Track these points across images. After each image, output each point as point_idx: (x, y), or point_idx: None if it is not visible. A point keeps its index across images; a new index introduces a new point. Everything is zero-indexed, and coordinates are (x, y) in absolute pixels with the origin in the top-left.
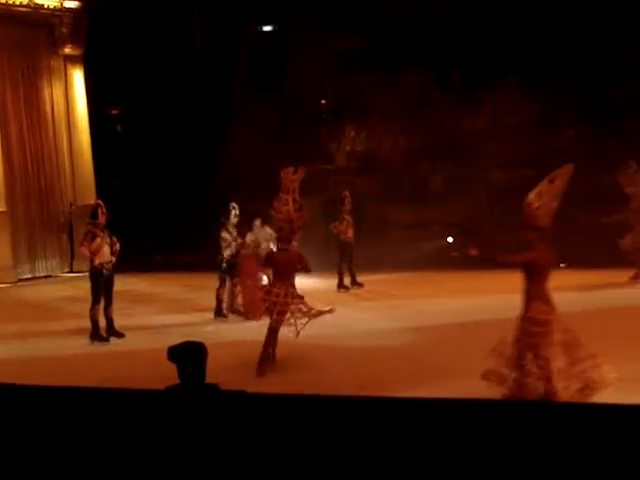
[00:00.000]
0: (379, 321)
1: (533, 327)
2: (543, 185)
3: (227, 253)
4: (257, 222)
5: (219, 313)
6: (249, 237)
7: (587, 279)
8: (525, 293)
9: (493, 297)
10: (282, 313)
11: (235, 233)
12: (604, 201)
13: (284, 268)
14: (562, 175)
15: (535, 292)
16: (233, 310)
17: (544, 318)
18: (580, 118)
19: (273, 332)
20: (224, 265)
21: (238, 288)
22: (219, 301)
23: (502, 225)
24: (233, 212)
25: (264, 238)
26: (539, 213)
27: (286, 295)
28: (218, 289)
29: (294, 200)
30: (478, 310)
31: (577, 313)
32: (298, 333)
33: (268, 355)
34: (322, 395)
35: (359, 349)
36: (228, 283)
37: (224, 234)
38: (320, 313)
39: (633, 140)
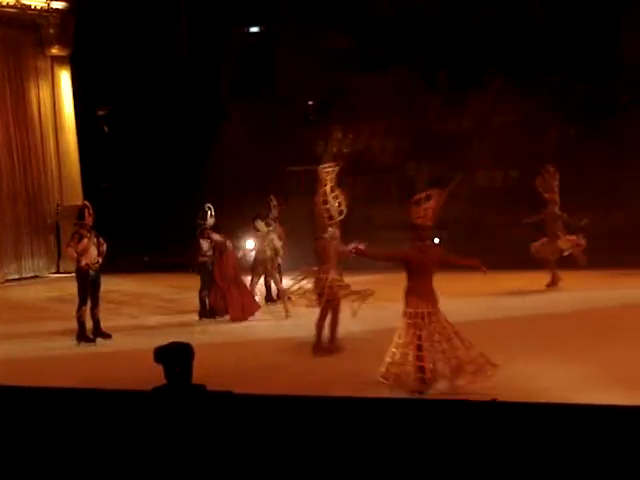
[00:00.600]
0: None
1: (408, 319)
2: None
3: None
4: (258, 223)
5: (204, 314)
6: (216, 237)
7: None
8: (405, 288)
9: (474, 299)
10: (333, 298)
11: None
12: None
13: (333, 254)
14: (438, 195)
15: (410, 287)
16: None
17: (416, 311)
18: (566, 119)
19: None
20: (204, 267)
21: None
22: (203, 303)
23: (483, 226)
24: (209, 213)
25: (269, 239)
26: (422, 213)
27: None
28: (201, 291)
29: (326, 193)
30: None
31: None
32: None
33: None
34: (307, 396)
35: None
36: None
37: (201, 240)
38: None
39: (617, 141)
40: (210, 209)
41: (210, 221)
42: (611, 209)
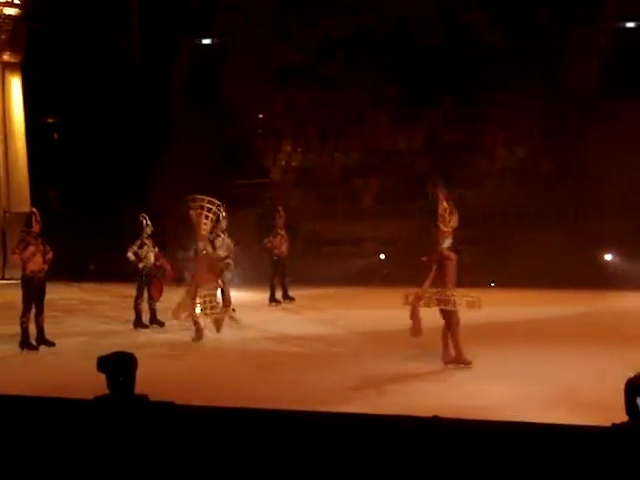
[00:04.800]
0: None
1: None
2: None
3: (143, 264)
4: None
5: (139, 324)
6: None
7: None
8: None
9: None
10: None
11: (151, 243)
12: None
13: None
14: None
15: None
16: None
17: None
18: (513, 139)
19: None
20: (142, 276)
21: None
22: (138, 312)
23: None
24: (144, 222)
25: (224, 248)
26: None
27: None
28: (136, 300)
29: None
30: (383, 323)
31: None
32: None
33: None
34: (249, 408)
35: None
36: (145, 294)
37: (129, 254)
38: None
39: (567, 159)
40: (145, 218)
41: (147, 230)
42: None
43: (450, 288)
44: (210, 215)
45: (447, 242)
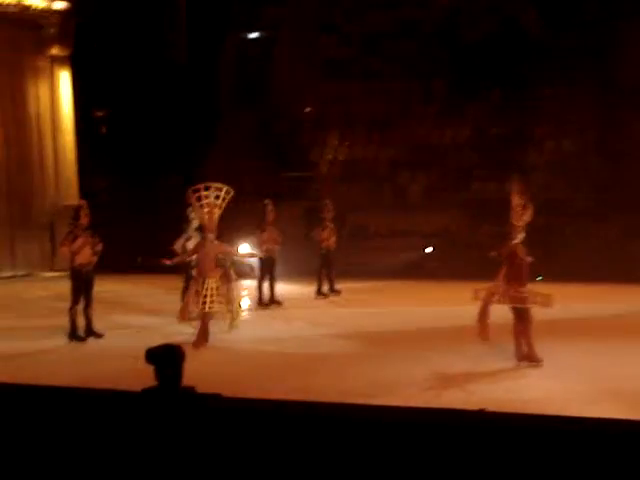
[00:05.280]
0: (354, 327)
1: None
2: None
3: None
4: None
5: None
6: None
7: None
8: None
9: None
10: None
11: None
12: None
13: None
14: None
15: None
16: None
17: None
18: (561, 132)
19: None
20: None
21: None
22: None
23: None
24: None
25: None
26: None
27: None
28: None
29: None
30: (434, 318)
31: None
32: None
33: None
34: (296, 400)
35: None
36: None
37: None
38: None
39: (616, 152)
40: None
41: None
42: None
43: (523, 284)
44: (207, 202)
45: (519, 237)
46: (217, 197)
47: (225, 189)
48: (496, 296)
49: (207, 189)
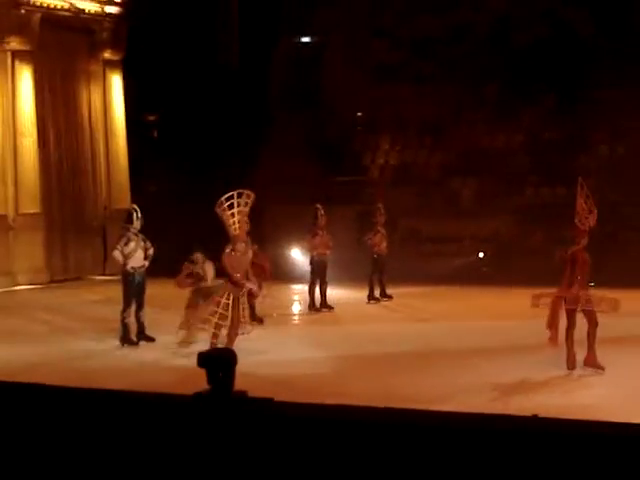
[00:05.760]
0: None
1: None
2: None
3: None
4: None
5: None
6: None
7: None
8: None
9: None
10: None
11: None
12: None
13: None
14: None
15: None
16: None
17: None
18: (614, 136)
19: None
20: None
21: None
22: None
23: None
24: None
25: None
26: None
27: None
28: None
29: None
30: (485, 325)
31: None
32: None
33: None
34: (348, 405)
35: (386, 359)
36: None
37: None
38: None
39: None
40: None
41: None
42: None
43: (587, 288)
44: (239, 210)
45: (583, 241)
46: (246, 204)
47: (252, 196)
48: (566, 301)
49: (240, 196)
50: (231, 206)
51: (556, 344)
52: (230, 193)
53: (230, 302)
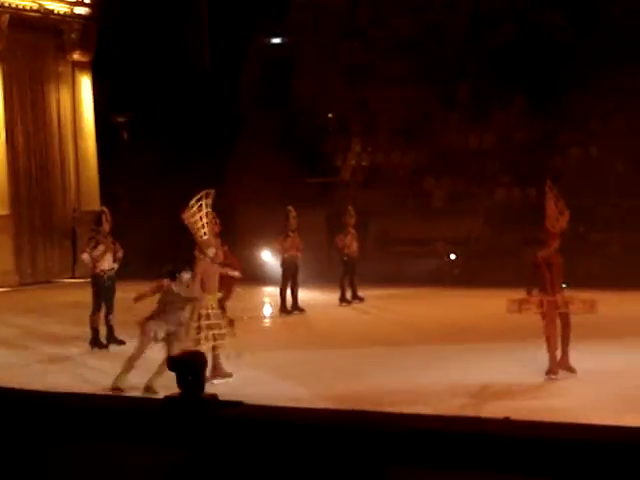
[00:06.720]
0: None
1: None
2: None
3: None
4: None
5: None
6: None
7: None
8: None
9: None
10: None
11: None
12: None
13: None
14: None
15: None
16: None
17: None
18: (586, 138)
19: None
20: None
21: None
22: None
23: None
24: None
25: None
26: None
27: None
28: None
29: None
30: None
31: None
32: None
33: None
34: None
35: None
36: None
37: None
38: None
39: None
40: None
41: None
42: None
43: (562, 291)
44: (206, 212)
45: (555, 244)
46: (208, 205)
47: (212, 193)
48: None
49: (207, 196)
50: (200, 208)
51: (556, 347)
52: (198, 195)
53: (210, 311)
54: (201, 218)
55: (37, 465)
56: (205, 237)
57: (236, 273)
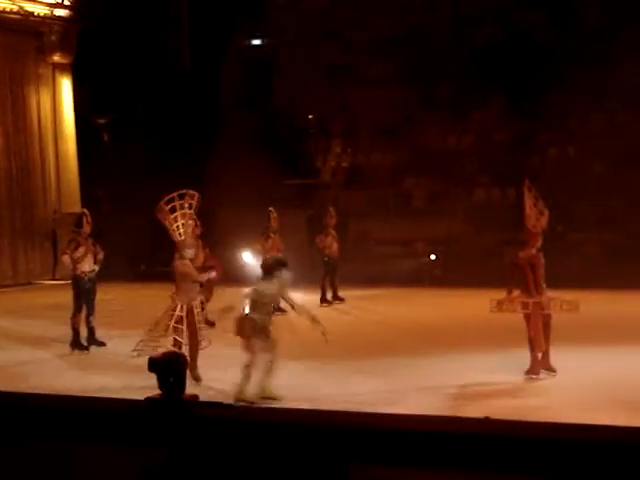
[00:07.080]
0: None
1: None
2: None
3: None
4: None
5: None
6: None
7: None
8: None
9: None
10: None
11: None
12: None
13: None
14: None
15: None
16: None
17: None
18: (564, 138)
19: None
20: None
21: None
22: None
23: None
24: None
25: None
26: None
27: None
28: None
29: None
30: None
31: None
32: None
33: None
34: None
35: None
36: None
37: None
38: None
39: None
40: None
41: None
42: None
43: (545, 291)
44: (182, 212)
45: (537, 244)
46: (190, 206)
47: (197, 196)
48: (530, 307)
49: (182, 197)
50: (173, 209)
51: (542, 348)
52: (170, 195)
53: (184, 314)
54: (176, 219)
55: (17, 465)
56: (181, 238)
57: (213, 274)
